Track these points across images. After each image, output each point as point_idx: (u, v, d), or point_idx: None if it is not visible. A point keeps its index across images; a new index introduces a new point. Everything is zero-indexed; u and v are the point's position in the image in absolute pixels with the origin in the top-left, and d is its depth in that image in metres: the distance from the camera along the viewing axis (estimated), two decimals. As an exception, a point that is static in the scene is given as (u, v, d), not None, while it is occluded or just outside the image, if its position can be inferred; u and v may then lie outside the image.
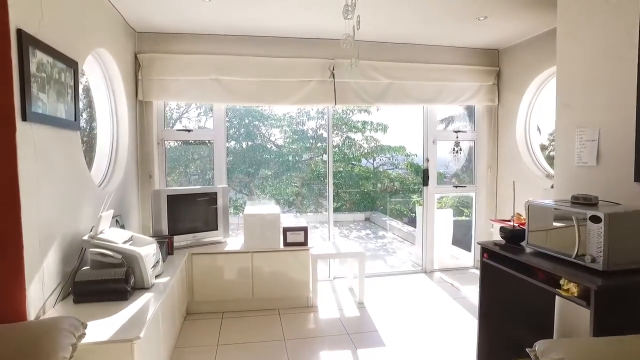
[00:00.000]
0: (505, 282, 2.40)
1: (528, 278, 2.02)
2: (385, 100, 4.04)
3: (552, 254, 2.00)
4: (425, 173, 4.41)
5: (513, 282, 2.30)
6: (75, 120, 2.33)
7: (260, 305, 3.38)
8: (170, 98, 3.72)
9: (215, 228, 3.51)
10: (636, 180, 2.05)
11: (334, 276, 4.25)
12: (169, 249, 3.10)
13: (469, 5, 3.06)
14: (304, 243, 3.40)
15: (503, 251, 2.24)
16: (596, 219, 1.73)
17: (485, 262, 2.38)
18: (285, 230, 3.39)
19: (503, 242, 2.38)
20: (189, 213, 3.43)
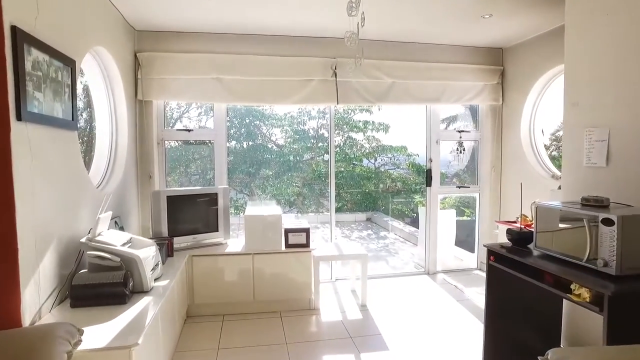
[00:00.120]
0: (511, 285, 2.35)
1: (536, 282, 1.96)
2: (388, 99, 3.99)
3: (561, 257, 1.95)
4: (429, 173, 4.36)
5: (520, 285, 2.25)
6: (73, 120, 2.28)
7: (261, 307, 3.34)
8: (171, 97, 3.67)
9: (216, 229, 3.46)
10: (648, 182, 2.00)
11: (335, 278, 4.20)
12: (169, 251, 3.05)
13: (474, 3, 3.01)
14: (306, 245, 3.35)
15: (510, 254, 2.18)
16: (609, 221, 1.68)
17: (491, 265, 2.33)
18: (287, 232, 3.34)
19: (510, 244, 2.32)
20: (189, 214, 3.38)
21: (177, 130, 3.95)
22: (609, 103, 2.24)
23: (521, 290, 2.37)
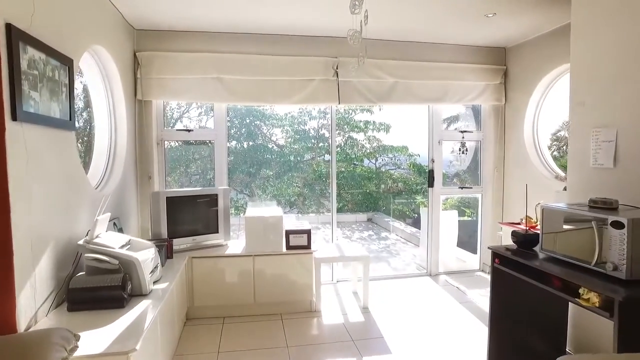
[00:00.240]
0: (516, 288, 2.31)
1: (543, 285, 1.92)
2: (390, 99, 3.94)
3: (568, 260, 1.91)
4: (431, 174, 4.32)
5: (525, 288, 2.21)
6: (71, 120, 2.24)
7: (262, 310, 3.29)
8: (170, 97, 3.63)
9: (216, 231, 3.42)
10: (657, 183, 1.96)
11: (337, 279, 4.16)
12: (169, 253, 3.01)
13: (478, 1, 2.96)
14: (307, 246, 3.31)
15: (515, 257, 2.14)
16: (618, 224, 1.64)
17: (496, 268, 2.29)
18: (288, 233, 3.30)
19: (515, 246, 2.29)
20: (189, 215, 3.34)
21: (177, 130, 3.90)
22: (617, 103, 2.20)
23: (526, 293, 2.33)
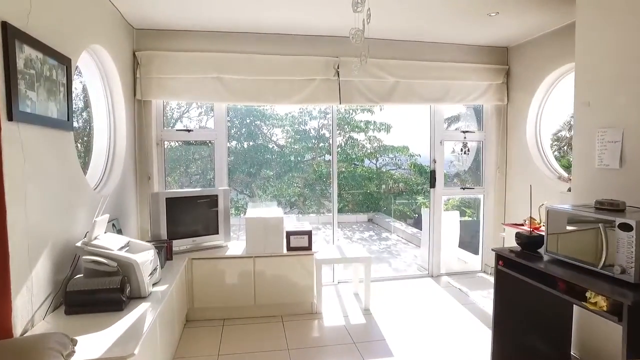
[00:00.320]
0: (520, 290, 2.28)
1: (548, 288, 1.89)
2: (392, 99, 3.91)
3: (574, 262, 1.87)
4: (432, 174, 4.28)
5: (529, 290, 2.18)
6: (68, 120, 2.21)
7: (262, 311, 3.26)
8: (170, 97, 3.60)
9: (216, 232, 3.39)
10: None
11: (338, 280, 4.13)
12: (168, 254, 2.97)
13: (480, 1, 2.93)
14: (308, 247, 3.28)
15: (520, 259, 2.11)
16: (627, 226, 1.61)
17: (500, 270, 2.26)
18: (289, 234, 3.27)
19: (519, 248, 2.25)
20: (188, 216, 3.31)
21: (177, 130, 3.87)
22: (623, 102, 2.17)
23: (530, 296, 2.30)
